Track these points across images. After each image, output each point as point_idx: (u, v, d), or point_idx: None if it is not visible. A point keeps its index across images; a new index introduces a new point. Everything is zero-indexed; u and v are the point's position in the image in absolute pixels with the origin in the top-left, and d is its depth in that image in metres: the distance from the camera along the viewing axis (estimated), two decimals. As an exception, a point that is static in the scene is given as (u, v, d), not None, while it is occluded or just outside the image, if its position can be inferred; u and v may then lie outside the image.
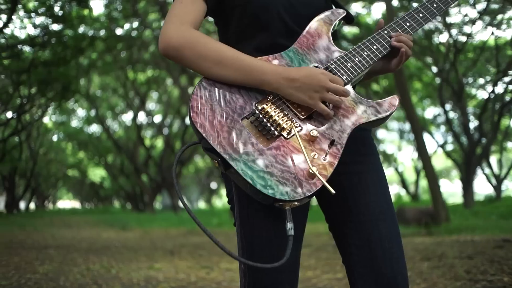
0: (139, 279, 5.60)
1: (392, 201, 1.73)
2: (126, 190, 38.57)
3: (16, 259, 7.03)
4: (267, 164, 1.42)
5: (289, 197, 1.38)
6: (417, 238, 8.81)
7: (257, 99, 1.51)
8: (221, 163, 1.43)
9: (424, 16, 1.74)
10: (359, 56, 1.64)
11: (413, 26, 1.73)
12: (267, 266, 1.41)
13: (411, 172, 34.57)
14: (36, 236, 11.56)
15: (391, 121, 27.08)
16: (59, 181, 47.26)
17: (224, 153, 1.41)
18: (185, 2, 1.63)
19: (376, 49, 1.66)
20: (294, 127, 1.47)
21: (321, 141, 1.48)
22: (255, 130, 1.47)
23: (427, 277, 4.98)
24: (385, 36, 1.69)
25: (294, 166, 1.43)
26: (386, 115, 1.56)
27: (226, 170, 1.44)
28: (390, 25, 1.73)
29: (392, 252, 1.62)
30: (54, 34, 19.66)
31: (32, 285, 5.08)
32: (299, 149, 1.45)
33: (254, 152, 1.43)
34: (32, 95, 24.70)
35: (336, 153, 1.47)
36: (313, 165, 1.43)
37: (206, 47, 1.54)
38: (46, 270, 6.08)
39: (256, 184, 1.38)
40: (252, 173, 1.40)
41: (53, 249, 8.61)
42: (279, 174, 1.41)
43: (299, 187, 1.40)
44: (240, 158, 1.41)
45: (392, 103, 1.58)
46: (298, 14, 1.68)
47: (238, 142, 1.43)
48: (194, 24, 1.61)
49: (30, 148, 28.96)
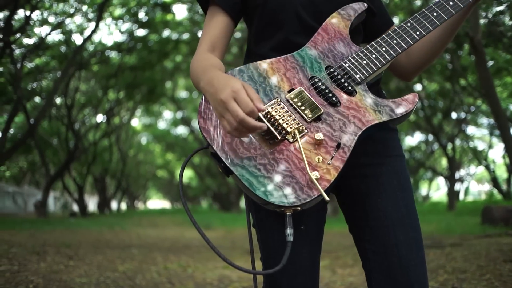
0: (213, 279, 5.68)
1: (414, 206, 1.64)
2: (213, 190, 39.22)
3: (99, 257, 7.30)
4: (269, 169, 1.39)
5: (289, 203, 1.35)
6: (504, 238, 8.43)
7: (264, 103, 1.47)
8: (223, 169, 1.42)
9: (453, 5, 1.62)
10: (377, 52, 1.56)
11: (440, 16, 1.60)
12: (261, 272, 1.41)
13: (503, 170, 33.16)
14: (123, 236, 11.97)
15: (480, 117, 25.96)
16: (149, 182, 48.70)
17: (226, 158, 1.41)
18: (206, 24, 1.68)
19: (397, 43, 1.57)
20: (298, 131, 1.43)
21: (327, 144, 1.43)
22: (259, 135, 1.44)
23: (506, 280, 4.76)
24: (408, 29, 1.60)
25: (296, 171, 1.39)
26: (402, 115, 1.48)
27: (229, 175, 1.43)
28: (414, 16, 1.62)
29: (409, 259, 1.56)
30: (139, 39, 20.23)
31: (110, 283, 5.26)
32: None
33: (256, 157, 1.41)
34: (120, 99, 25.62)
35: (343, 157, 1.41)
36: (317, 169, 1.39)
37: (195, 66, 1.57)
38: (126, 269, 6.28)
39: (255, 190, 1.36)
40: (252, 178, 1.38)
41: (136, 248, 8.89)
42: (280, 179, 1.38)
43: (299, 192, 1.36)
44: (241, 163, 1.40)
45: (410, 101, 1.50)
46: (318, 11, 1.63)
47: (241, 147, 1.42)
48: (213, 44, 1.64)
49: (120, 150, 29.97)
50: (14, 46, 16.41)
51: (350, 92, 1.50)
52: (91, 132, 27.35)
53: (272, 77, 1.51)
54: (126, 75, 22.16)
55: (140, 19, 18.84)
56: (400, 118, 1.50)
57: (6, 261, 6.02)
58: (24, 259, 6.33)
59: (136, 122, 35.03)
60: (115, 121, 28.68)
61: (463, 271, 5.07)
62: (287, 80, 1.52)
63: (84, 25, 19.03)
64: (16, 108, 16.78)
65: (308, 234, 1.61)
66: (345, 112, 1.48)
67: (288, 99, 1.48)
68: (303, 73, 1.53)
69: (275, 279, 1.61)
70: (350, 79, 1.52)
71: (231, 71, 1.52)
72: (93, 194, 39.75)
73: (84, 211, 24.62)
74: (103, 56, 21.42)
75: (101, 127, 27.63)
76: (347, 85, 1.51)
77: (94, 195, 39.25)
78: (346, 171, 1.62)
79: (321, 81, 1.51)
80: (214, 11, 1.68)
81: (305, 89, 1.50)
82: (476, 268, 5.18)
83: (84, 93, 25.48)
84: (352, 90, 1.51)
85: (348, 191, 1.66)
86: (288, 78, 1.52)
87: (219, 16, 1.66)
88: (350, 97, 1.50)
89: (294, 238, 1.52)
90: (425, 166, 26.46)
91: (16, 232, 10.56)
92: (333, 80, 1.52)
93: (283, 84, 1.51)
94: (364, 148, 1.57)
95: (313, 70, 1.54)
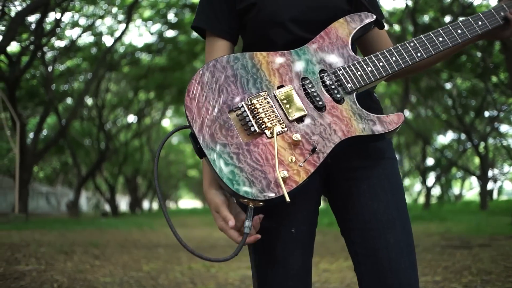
0: (235, 279, 5.69)
1: (406, 208, 1.62)
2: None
3: (125, 257, 7.38)
4: (241, 159, 1.39)
5: (252, 196, 1.35)
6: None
7: (251, 93, 1.48)
8: (198, 150, 1.43)
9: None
10: (373, 66, 1.54)
11: (446, 42, 1.60)
12: (212, 259, 1.43)
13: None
14: (151, 236, 12.08)
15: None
16: (180, 182, 49.00)
17: (202, 140, 1.41)
18: (209, 52, 1.69)
19: (395, 61, 1.56)
20: (276, 127, 1.42)
21: (304, 146, 1.41)
22: (239, 124, 1.44)
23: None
24: (410, 48, 1.58)
25: (267, 166, 1.39)
26: (384, 132, 1.46)
27: (202, 158, 1.44)
28: (419, 37, 1.60)
29: (399, 262, 1.54)
30: (169, 40, 20.40)
31: (133, 283, 5.30)
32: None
33: (231, 145, 1.41)
34: (151, 100, 25.87)
35: (316, 162, 1.40)
36: (288, 168, 1.38)
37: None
38: (150, 269, 6.34)
39: (223, 177, 1.37)
40: (224, 165, 1.38)
41: (162, 248, 8.96)
42: (249, 171, 1.37)
43: (265, 189, 1.36)
44: (216, 148, 1.40)
45: (395, 121, 1.48)
46: (309, 22, 1.61)
47: (219, 133, 1.42)
48: None
49: (151, 150, 30.26)
50: (45, 49, 16.72)
51: (338, 100, 1.49)
52: (122, 133, 27.71)
53: (265, 70, 1.51)
54: (156, 76, 22.38)
55: (169, 20, 19.01)
56: (382, 135, 1.48)
57: (34, 260, 6.13)
58: (51, 258, 6.44)
59: (167, 122, 35.36)
60: (146, 122, 28.99)
61: (488, 273, 4.99)
62: (279, 76, 1.51)
63: (114, 26, 19.32)
64: (48, 110, 17.10)
65: (299, 238, 1.60)
66: (328, 119, 1.46)
67: (275, 94, 1.48)
68: (296, 72, 1.52)
69: (266, 282, 1.61)
70: (341, 87, 1.51)
71: (227, 56, 1.52)
72: (125, 194, 40.23)
73: (115, 211, 24.95)
74: (133, 57, 21.68)
75: (132, 128, 27.96)
76: (337, 92, 1.49)
77: (125, 195, 39.72)
78: (338, 174, 1.62)
79: (312, 84, 1.50)
80: (214, 38, 1.68)
81: (294, 88, 1.49)
82: (502, 269, 5.09)
83: (115, 94, 25.80)
84: (340, 98, 1.49)
85: (340, 194, 1.65)
86: (280, 74, 1.51)
87: (220, 42, 1.67)
88: (337, 104, 1.49)
89: (285, 241, 1.54)
90: (457, 165, 26.12)
91: (47, 231, 10.75)
92: (323, 85, 1.50)
93: (274, 79, 1.50)
94: (356, 151, 1.56)
95: (307, 71, 1.52)
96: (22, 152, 14.31)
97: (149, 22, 19.56)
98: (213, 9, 1.67)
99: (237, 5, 1.65)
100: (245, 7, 1.64)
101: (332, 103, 1.48)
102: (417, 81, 18.60)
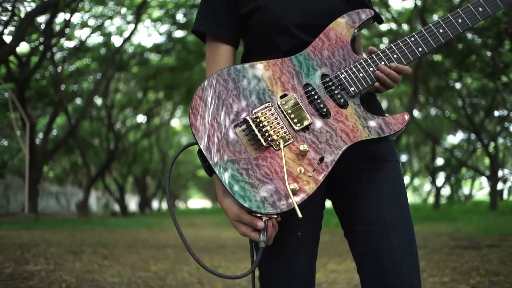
0: (242, 280, 5.69)
1: (408, 210, 1.62)
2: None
3: (134, 257, 7.39)
4: (251, 175, 1.38)
5: (266, 211, 1.35)
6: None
7: (255, 105, 1.46)
8: (206, 168, 1.42)
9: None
10: (375, 66, 1.52)
11: (447, 34, 1.56)
12: (230, 276, 1.41)
13: None
14: (159, 236, 12.09)
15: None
16: (189, 181, 49.02)
17: (210, 158, 1.40)
18: (210, 56, 1.68)
19: (397, 58, 1.54)
20: (283, 140, 1.41)
21: (311, 156, 1.41)
22: (246, 139, 1.43)
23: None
24: (411, 44, 1.55)
25: (277, 180, 1.38)
26: (391, 133, 1.46)
27: (211, 175, 1.43)
28: (420, 31, 1.58)
29: (402, 264, 1.54)
30: (178, 40, 20.41)
31: (141, 283, 5.31)
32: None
33: (240, 161, 1.40)
34: (160, 100, 25.92)
35: (324, 170, 1.39)
36: (298, 180, 1.38)
37: None
38: (158, 269, 6.35)
39: (235, 194, 1.37)
40: (233, 181, 1.38)
41: (170, 248, 8.96)
42: (260, 186, 1.37)
43: (277, 202, 1.36)
44: (225, 165, 1.40)
45: (400, 121, 1.48)
46: (313, 26, 1.58)
47: (226, 149, 1.41)
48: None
49: (160, 150, 30.28)
50: (55, 49, 16.79)
51: (342, 104, 1.48)
52: (132, 133, 27.76)
53: (266, 80, 1.49)
54: (165, 76, 22.42)
55: (178, 21, 19.02)
56: (388, 137, 1.48)
57: (43, 260, 6.16)
58: (60, 258, 6.46)
59: (176, 122, 35.39)
60: (155, 122, 29.04)
61: (496, 274, 4.96)
62: (281, 85, 1.49)
63: (123, 27, 19.37)
64: (57, 110, 17.17)
65: (305, 240, 1.61)
66: (334, 125, 1.45)
67: (279, 105, 1.46)
68: (298, 79, 1.50)
69: (271, 284, 1.62)
70: (344, 91, 1.50)
71: (227, 69, 1.50)
72: (134, 194, 40.31)
73: (124, 210, 25.01)
74: (142, 58, 21.74)
75: (142, 128, 28.02)
76: (340, 97, 1.48)
77: (135, 195, 39.79)
78: (342, 177, 1.62)
79: (315, 90, 1.49)
80: (216, 43, 1.67)
81: (297, 96, 1.48)
82: (511, 270, 5.06)
83: (124, 94, 25.86)
84: (345, 103, 1.48)
85: (344, 196, 1.65)
86: (282, 82, 1.49)
87: (222, 46, 1.66)
88: (341, 109, 1.47)
89: (291, 245, 1.54)
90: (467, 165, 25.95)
91: (57, 231, 10.79)
92: (327, 90, 1.49)
93: (276, 88, 1.49)
94: (360, 154, 1.56)
95: (309, 77, 1.51)
96: (32, 152, 14.37)
97: (158, 22, 19.59)
98: (214, 13, 1.66)
99: (240, 9, 1.64)
100: (249, 11, 1.62)
101: (337, 109, 1.48)
102: (427, 81, 18.51)
